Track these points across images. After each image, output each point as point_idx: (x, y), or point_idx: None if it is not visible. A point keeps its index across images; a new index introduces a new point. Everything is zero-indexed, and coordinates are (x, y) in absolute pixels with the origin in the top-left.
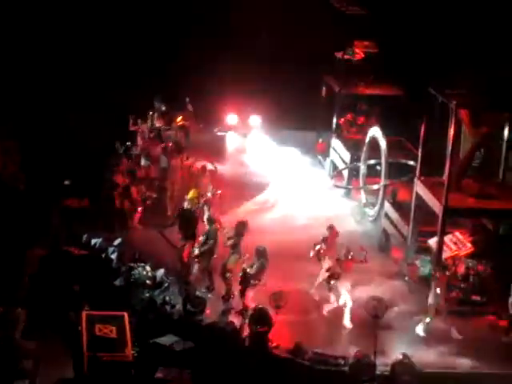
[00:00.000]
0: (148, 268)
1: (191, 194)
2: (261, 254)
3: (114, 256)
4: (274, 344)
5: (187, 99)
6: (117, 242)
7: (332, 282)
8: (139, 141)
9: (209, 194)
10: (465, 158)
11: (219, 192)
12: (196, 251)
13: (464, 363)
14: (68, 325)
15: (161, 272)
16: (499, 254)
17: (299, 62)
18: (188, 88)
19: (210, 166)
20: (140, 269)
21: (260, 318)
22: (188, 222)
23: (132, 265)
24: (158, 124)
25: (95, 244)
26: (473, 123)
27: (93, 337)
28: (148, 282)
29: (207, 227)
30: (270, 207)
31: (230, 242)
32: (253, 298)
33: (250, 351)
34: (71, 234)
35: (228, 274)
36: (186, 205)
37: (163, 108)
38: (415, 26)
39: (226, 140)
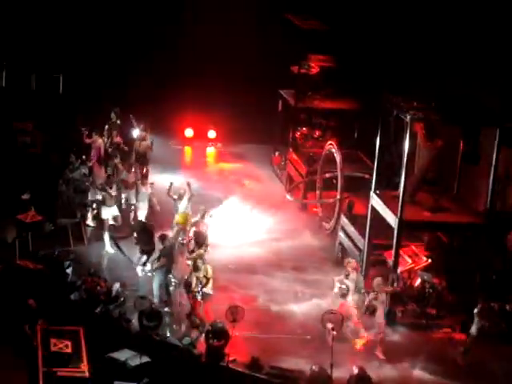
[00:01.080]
0: (102, 283)
1: (180, 218)
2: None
3: (69, 270)
4: (231, 358)
5: (131, 116)
6: (72, 256)
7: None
8: (93, 154)
9: (196, 219)
10: (419, 171)
11: (210, 215)
12: (148, 267)
13: (421, 376)
14: (23, 340)
15: (116, 286)
16: (454, 267)
17: (255, 76)
18: (146, 101)
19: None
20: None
21: (216, 332)
22: (146, 236)
23: (87, 279)
24: (116, 138)
25: (51, 258)
26: (427, 136)
27: (48, 352)
28: (102, 297)
29: (160, 245)
30: (227, 221)
31: (192, 256)
32: (209, 313)
33: (207, 365)
34: (27, 248)
35: (191, 289)
36: (172, 229)
37: (118, 122)
38: (370, 40)
39: (183, 153)
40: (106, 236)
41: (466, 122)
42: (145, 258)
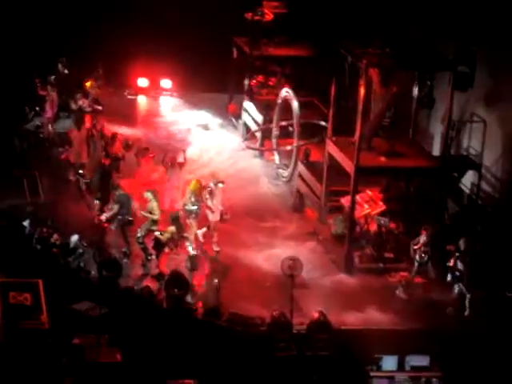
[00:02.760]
0: (55, 236)
1: (192, 185)
2: (174, 220)
3: (26, 223)
4: (191, 306)
5: (99, 67)
6: (30, 209)
7: None
8: (48, 107)
9: (211, 185)
10: (375, 117)
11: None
12: (103, 216)
13: (379, 319)
14: None
15: (75, 238)
16: (410, 211)
17: (209, 23)
18: (97, 51)
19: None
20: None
21: (176, 282)
22: (103, 181)
23: (42, 230)
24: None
25: (8, 211)
26: (383, 82)
27: (7, 304)
28: (55, 249)
29: (116, 193)
30: (186, 169)
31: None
32: (167, 263)
33: (167, 314)
34: None
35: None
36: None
37: (66, 71)
38: None
39: (137, 103)
40: None
41: (420, 67)
42: (98, 203)
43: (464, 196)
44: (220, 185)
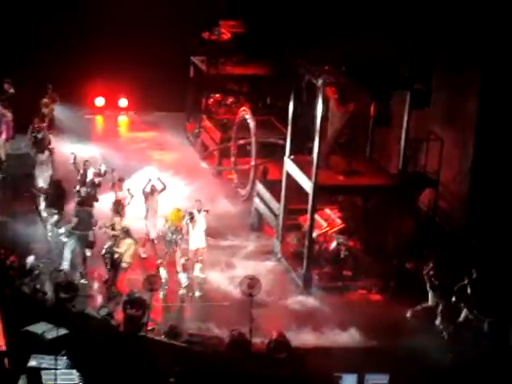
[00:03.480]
0: (12, 258)
1: (171, 214)
2: (126, 234)
3: None
4: (149, 327)
5: (49, 86)
6: None
7: None
8: (3, 128)
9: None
10: (332, 135)
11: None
12: (61, 230)
13: (338, 338)
14: None
15: (30, 259)
16: (369, 229)
17: (166, 43)
18: (50, 71)
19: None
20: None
21: (134, 302)
22: (57, 196)
23: (2, 252)
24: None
25: None
26: (339, 100)
27: None
28: (11, 272)
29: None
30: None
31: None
32: (126, 282)
33: (125, 335)
34: None
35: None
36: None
37: (12, 91)
38: (280, 5)
39: (95, 123)
40: None
41: (377, 86)
42: (56, 217)
43: (422, 214)
44: (203, 212)
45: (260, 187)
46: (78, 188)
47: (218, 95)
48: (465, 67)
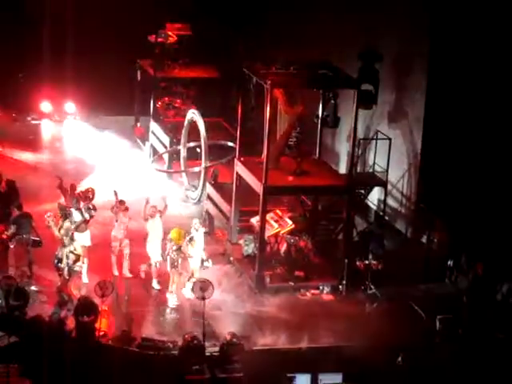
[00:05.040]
0: None
1: (173, 233)
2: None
3: None
4: (102, 333)
5: None
6: None
7: None
8: None
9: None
10: (281, 136)
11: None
12: (4, 235)
13: (292, 338)
14: None
15: None
16: (320, 229)
17: (113, 46)
18: None
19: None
20: None
21: (86, 308)
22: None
23: None
24: None
25: None
26: (288, 102)
27: None
28: None
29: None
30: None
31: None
32: (77, 288)
33: (77, 341)
34: None
35: (61, 264)
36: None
37: None
38: (226, 6)
39: (41, 128)
40: None
41: (324, 86)
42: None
43: (371, 213)
44: (202, 230)
45: (211, 190)
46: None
47: (166, 98)
48: (412, 66)
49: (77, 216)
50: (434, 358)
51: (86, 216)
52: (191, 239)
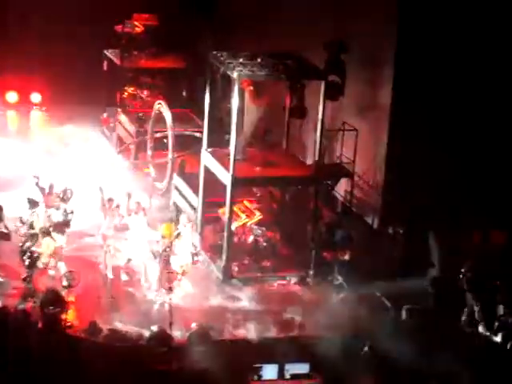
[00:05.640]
0: None
1: (164, 229)
2: (45, 233)
3: None
4: (68, 324)
5: None
6: None
7: None
8: None
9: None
10: (249, 127)
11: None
12: None
13: (259, 328)
14: None
15: None
16: (287, 220)
17: (78, 36)
18: None
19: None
20: None
21: (52, 300)
22: None
23: None
24: None
25: None
26: (255, 93)
27: None
28: None
29: None
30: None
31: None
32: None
33: (44, 333)
34: None
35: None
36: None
37: None
38: None
39: (7, 118)
40: None
41: (291, 77)
42: None
43: (338, 204)
44: (188, 225)
45: (178, 181)
46: (48, 213)
47: (132, 88)
48: (378, 57)
49: (56, 216)
50: (400, 347)
51: (70, 217)
52: (178, 235)
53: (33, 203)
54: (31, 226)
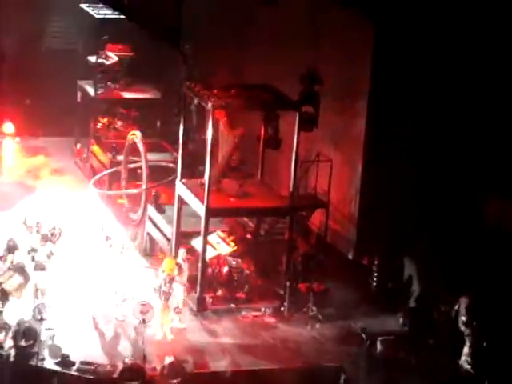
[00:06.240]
0: None
1: (166, 264)
2: (20, 270)
3: None
4: (41, 356)
5: None
6: None
7: None
8: None
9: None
10: (223, 158)
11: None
12: None
13: (233, 359)
14: None
15: None
16: (262, 251)
17: (52, 67)
18: None
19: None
20: None
21: (24, 332)
22: None
23: None
24: None
25: None
26: (229, 124)
27: None
28: None
29: None
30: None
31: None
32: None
33: (14, 365)
34: None
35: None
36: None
37: None
38: (169, 28)
39: None
40: None
41: (266, 108)
42: None
43: (313, 235)
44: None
45: (152, 211)
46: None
47: (106, 119)
48: (352, 88)
49: (41, 257)
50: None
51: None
52: (180, 268)
53: (12, 248)
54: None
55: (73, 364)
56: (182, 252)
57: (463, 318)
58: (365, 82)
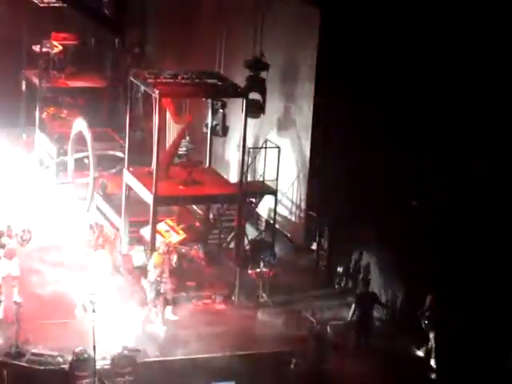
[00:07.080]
0: None
1: (155, 259)
2: None
3: None
4: None
5: None
6: None
7: None
8: None
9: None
10: (171, 146)
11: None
12: None
13: (184, 349)
14: None
15: None
16: (211, 238)
17: None
18: None
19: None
20: None
21: None
22: None
23: None
24: None
25: None
26: (176, 111)
27: None
28: None
29: None
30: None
31: None
32: None
33: None
34: None
35: None
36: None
37: None
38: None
39: None
40: None
41: (213, 96)
42: None
43: (262, 221)
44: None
45: (99, 201)
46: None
47: (52, 108)
48: (299, 74)
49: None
50: (325, 362)
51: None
52: (164, 262)
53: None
54: None
55: (23, 355)
56: (162, 244)
57: (426, 314)
58: (311, 68)
